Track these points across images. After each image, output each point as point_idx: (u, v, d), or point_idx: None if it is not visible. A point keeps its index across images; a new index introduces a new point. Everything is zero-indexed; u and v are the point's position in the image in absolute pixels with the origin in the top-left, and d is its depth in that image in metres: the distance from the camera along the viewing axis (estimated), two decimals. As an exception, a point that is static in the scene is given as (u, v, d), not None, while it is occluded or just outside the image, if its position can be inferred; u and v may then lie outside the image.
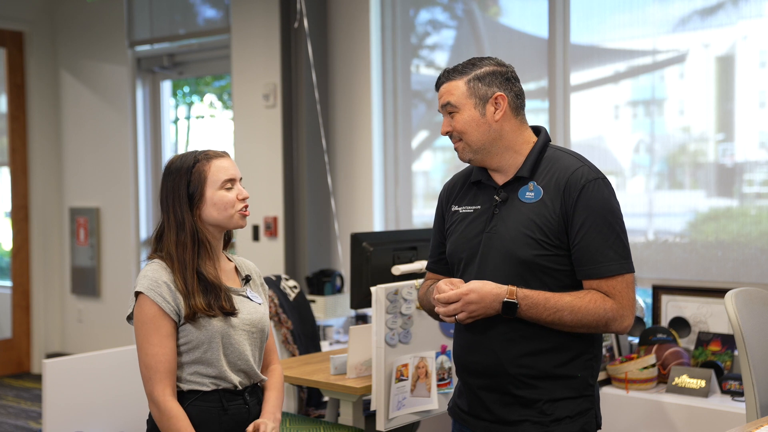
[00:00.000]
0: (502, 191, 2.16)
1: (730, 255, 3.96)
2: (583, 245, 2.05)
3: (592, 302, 2.04)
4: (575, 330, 2.06)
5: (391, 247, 3.34)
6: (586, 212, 2.05)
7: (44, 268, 6.94)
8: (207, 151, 2.28)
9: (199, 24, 6.16)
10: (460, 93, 2.14)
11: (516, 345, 2.10)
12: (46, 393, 2.96)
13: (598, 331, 2.08)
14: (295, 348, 3.91)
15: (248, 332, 2.26)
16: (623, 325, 2.06)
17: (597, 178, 2.09)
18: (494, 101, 2.14)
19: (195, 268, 2.19)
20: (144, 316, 2.16)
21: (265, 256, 5.41)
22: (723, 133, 4.08)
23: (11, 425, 5.43)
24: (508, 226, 2.11)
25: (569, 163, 2.13)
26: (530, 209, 2.10)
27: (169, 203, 2.24)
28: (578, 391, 2.13)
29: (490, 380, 2.14)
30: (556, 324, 2.05)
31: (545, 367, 2.10)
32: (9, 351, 6.85)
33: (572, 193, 2.07)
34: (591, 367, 2.15)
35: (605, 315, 2.04)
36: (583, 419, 2.13)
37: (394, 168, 5.21)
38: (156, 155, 6.55)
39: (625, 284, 2.06)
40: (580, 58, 4.44)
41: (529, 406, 2.11)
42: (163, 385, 2.14)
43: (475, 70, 2.16)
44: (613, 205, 2.09)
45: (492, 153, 2.16)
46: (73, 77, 6.83)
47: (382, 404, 2.86)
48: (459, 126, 2.15)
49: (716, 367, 3.57)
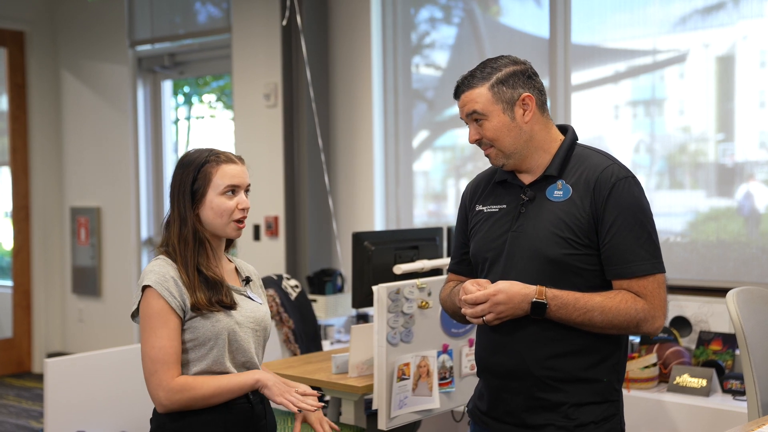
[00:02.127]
0: (529, 190, 2.11)
1: (731, 255, 3.96)
2: (614, 244, 2.01)
3: (623, 302, 2.00)
4: (605, 331, 2.02)
5: (393, 247, 3.35)
6: (617, 210, 2.01)
7: (45, 267, 6.94)
8: (220, 154, 2.25)
9: (200, 24, 6.16)
10: (485, 100, 2.08)
11: (542, 347, 2.06)
12: (48, 392, 2.96)
13: (628, 332, 2.04)
14: (297, 347, 3.91)
15: (253, 330, 2.26)
16: (655, 325, 2.02)
17: (627, 177, 2.06)
18: (522, 103, 2.09)
19: (195, 266, 2.19)
20: (151, 309, 2.14)
21: (266, 256, 5.42)
22: (723, 133, 4.08)
23: (12, 424, 5.43)
24: (535, 225, 2.06)
25: (599, 161, 2.09)
26: (559, 208, 2.06)
27: (176, 196, 2.24)
28: (604, 396, 2.08)
29: (514, 382, 2.10)
30: (585, 325, 2.00)
31: (571, 370, 2.05)
32: (10, 350, 6.86)
33: (602, 191, 2.03)
34: (617, 371, 2.11)
35: (636, 316, 2.00)
36: (608, 425, 2.09)
37: (395, 167, 5.21)
38: (157, 155, 6.55)
39: (657, 284, 2.02)
40: (580, 57, 4.45)
41: (554, 410, 2.06)
42: (173, 372, 2.12)
43: (495, 74, 2.09)
44: (643, 203, 2.05)
45: (524, 156, 2.11)
46: (74, 77, 6.83)
47: (384, 403, 2.87)
48: (489, 134, 2.09)
49: (717, 366, 3.57)
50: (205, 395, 2.13)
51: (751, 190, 4.10)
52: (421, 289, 2.98)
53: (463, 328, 3.12)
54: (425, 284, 2.99)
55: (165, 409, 2.15)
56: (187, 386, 2.12)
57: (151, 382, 2.13)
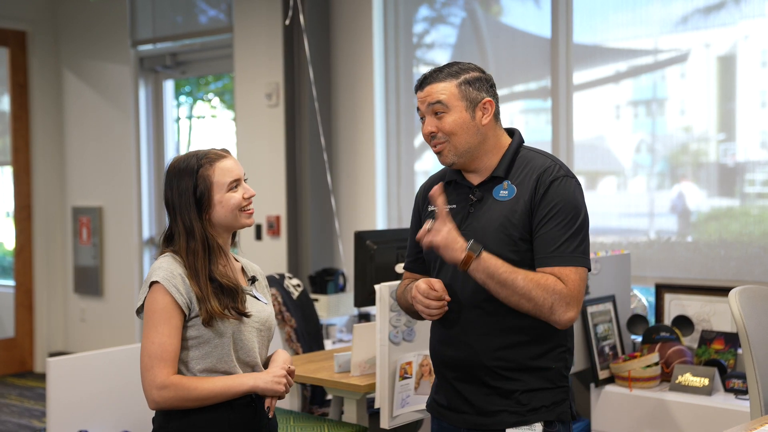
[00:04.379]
0: (477, 191, 2.20)
1: (733, 254, 3.97)
2: (541, 234, 2.10)
3: (548, 279, 2.06)
4: (520, 303, 2.06)
5: (395, 245, 3.35)
6: (550, 205, 2.10)
7: (47, 267, 6.95)
8: (209, 153, 2.25)
9: (202, 23, 6.17)
10: (451, 94, 2.17)
11: (492, 339, 2.15)
12: (50, 392, 2.96)
13: (541, 311, 2.07)
14: (299, 346, 3.91)
15: (257, 330, 2.26)
16: (567, 315, 2.07)
17: (566, 176, 2.15)
18: (483, 106, 2.19)
19: (207, 275, 2.19)
20: (156, 305, 2.14)
21: (268, 255, 5.42)
22: (724, 133, 4.09)
23: (15, 424, 5.44)
24: (483, 224, 2.15)
25: (542, 162, 2.18)
26: (504, 207, 2.15)
27: (176, 209, 2.23)
28: (553, 382, 2.17)
29: (467, 373, 2.19)
30: (507, 285, 2.05)
31: (521, 360, 2.14)
32: (12, 350, 6.86)
33: (540, 188, 2.12)
34: (565, 359, 2.20)
35: (553, 296, 2.04)
36: (559, 408, 2.18)
37: (397, 167, 5.22)
38: (159, 154, 6.56)
39: (578, 276, 2.09)
40: (582, 57, 4.45)
41: (507, 397, 2.15)
42: (168, 369, 2.11)
43: (463, 74, 2.19)
44: (577, 202, 2.14)
45: (474, 156, 2.20)
46: (76, 77, 6.84)
47: (386, 402, 2.87)
48: (448, 127, 2.17)
49: (719, 365, 3.57)
50: (198, 397, 2.13)
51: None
52: (424, 288, 2.98)
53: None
54: (427, 283, 2.99)
55: (156, 405, 2.14)
56: (181, 386, 2.12)
57: (145, 377, 2.13)
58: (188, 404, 2.14)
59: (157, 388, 2.12)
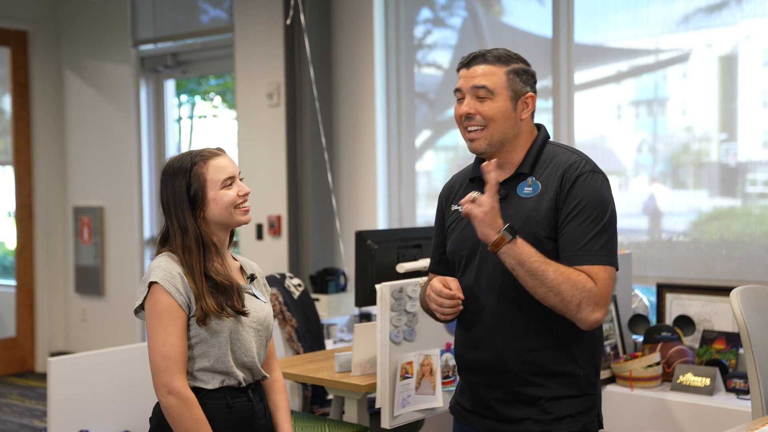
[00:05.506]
0: (502, 188, 2.14)
1: (734, 254, 3.96)
2: (568, 231, 2.04)
3: (579, 275, 1.99)
4: (547, 296, 1.98)
5: (396, 245, 3.35)
6: (576, 201, 2.04)
7: (48, 267, 6.95)
8: (203, 152, 2.27)
9: (203, 23, 6.17)
10: (499, 80, 2.10)
11: (519, 341, 2.09)
12: (51, 391, 2.96)
13: (566, 308, 1.99)
14: (300, 346, 3.91)
15: (255, 329, 2.26)
16: (594, 315, 1.99)
17: (593, 171, 2.09)
18: (525, 100, 2.13)
19: (203, 272, 2.19)
20: (160, 305, 2.14)
21: (268, 255, 5.42)
22: (726, 133, 4.08)
23: (16, 423, 5.44)
24: (507, 221, 2.08)
25: (567, 157, 2.13)
26: (529, 204, 2.09)
27: (171, 208, 2.23)
28: (581, 390, 2.11)
29: (492, 377, 2.13)
30: (538, 275, 1.97)
31: (548, 364, 2.08)
32: (13, 350, 6.86)
33: (566, 183, 2.06)
34: (594, 365, 2.14)
35: (582, 293, 1.97)
36: (585, 418, 2.11)
37: (398, 167, 5.22)
38: (160, 154, 6.56)
39: (608, 275, 2.02)
40: (583, 57, 4.44)
41: (531, 404, 2.09)
42: (182, 375, 2.13)
43: (513, 63, 2.13)
44: (605, 198, 2.07)
45: (505, 149, 2.14)
46: (77, 76, 6.84)
47: (387, 402, 2.87)
48: (489, 113, 2.10)
49: (721, 365, 3.57)
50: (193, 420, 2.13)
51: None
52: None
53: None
54: (428, 283, 2.99)
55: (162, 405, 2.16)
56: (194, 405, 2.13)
57: (160, 377, 2.13)
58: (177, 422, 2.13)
59: (168, 391, 2.13)
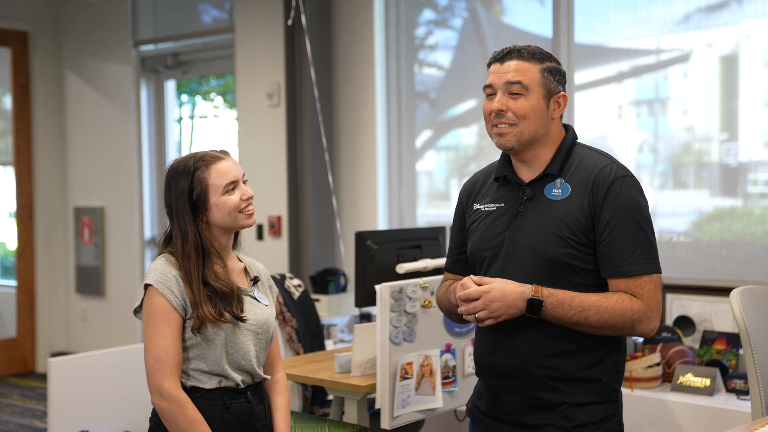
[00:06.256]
0: (528, 189, 2.11)
1: (735, 254, 3.96)
2: (609, 242, 2.00)
3: (619, 303, 1.98)
4: (600, 332, 2.00)
5: (396, 246, 3.35)
6: (614, 209, 2.01)
7: (49, 267, 6.95)
8: (206, 155, 2.24)
9: (203, 23, 6.17)
10: (534, 78, 2.08)
11: (541, 346, 2.05)
12: (52, 392, 2.96)
13: (623, 333, 2.01)
14: (300, 346, 3.91)
15: (254, 333, 2.25)
16: (649, 327, 2.01)
17: (626, 176, 2.06)
18: (557, 99, 2.11)
19: (200, 279, 2.17)
20: (154, 308, 2.14)
21: (269, 256, 5.42)
22: (727, 133, 4.08)
23: (16, 424, 5.44)
24: (534, 223, 2.06)
25: (597, 160, 2.10)
26: (557, 206, 2.05)
27: (174, 211, 2.23)
28: (603, 396, 2.07)
29: (512, 382, 2.09)
30: (581, 324, 1.99)
31: (570, 370, 2.04)
32: (14, 350, 6.86)
33: (600, 189, 2.03)
34: (617, 371, 2.10)
35: (632, 316, 1.98)
36: (607, 425, 2.07)
37: (398, 167, 5.21)
38: (160, 154, 6.56)
39: (653, 284, 2.00)
40: (584, 57, 4.44)
41: (552, 410, 2.05)
42: (174, 377, 2.13)
43: (548, 62, 2.11)
44: (641, 203, 2.05)
45: (533, 147, 2.11)
46: (78, 77, 6.84)
47: (387, 402, 2.87)
48: (522, 110, 2.07)
49: (721, 365, 3.57)
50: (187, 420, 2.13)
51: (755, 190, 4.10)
52: (424, 288, 2.98)
53: (466, 327, 3.12)
54: (428, 283, 2.99)
55: (155, 407, 2.16)
56: (187, 406, 2.13)
57: (153, 379, 2.14)
58: (171, 424, 2.14)
59: (160, 394, 2.13)
